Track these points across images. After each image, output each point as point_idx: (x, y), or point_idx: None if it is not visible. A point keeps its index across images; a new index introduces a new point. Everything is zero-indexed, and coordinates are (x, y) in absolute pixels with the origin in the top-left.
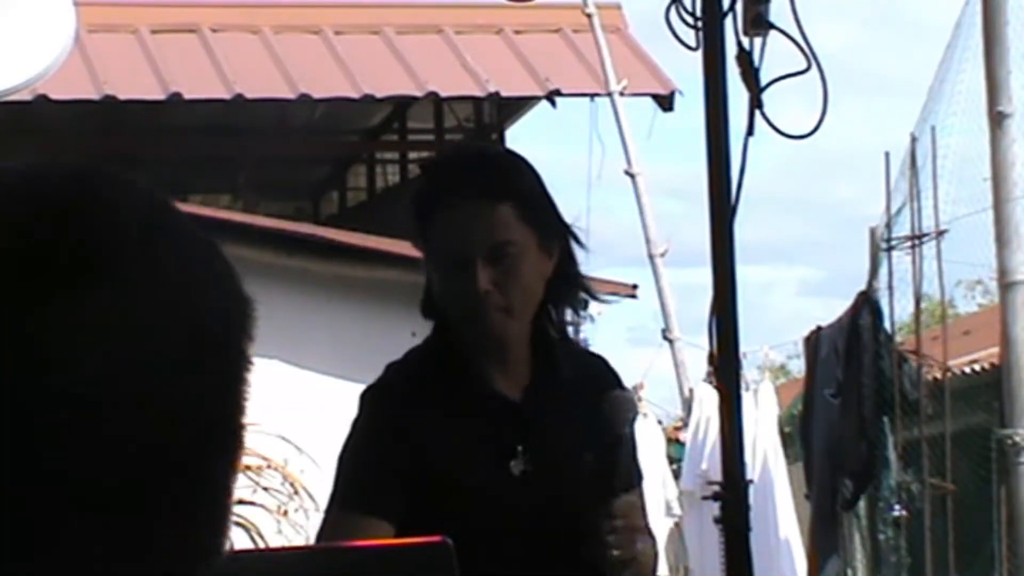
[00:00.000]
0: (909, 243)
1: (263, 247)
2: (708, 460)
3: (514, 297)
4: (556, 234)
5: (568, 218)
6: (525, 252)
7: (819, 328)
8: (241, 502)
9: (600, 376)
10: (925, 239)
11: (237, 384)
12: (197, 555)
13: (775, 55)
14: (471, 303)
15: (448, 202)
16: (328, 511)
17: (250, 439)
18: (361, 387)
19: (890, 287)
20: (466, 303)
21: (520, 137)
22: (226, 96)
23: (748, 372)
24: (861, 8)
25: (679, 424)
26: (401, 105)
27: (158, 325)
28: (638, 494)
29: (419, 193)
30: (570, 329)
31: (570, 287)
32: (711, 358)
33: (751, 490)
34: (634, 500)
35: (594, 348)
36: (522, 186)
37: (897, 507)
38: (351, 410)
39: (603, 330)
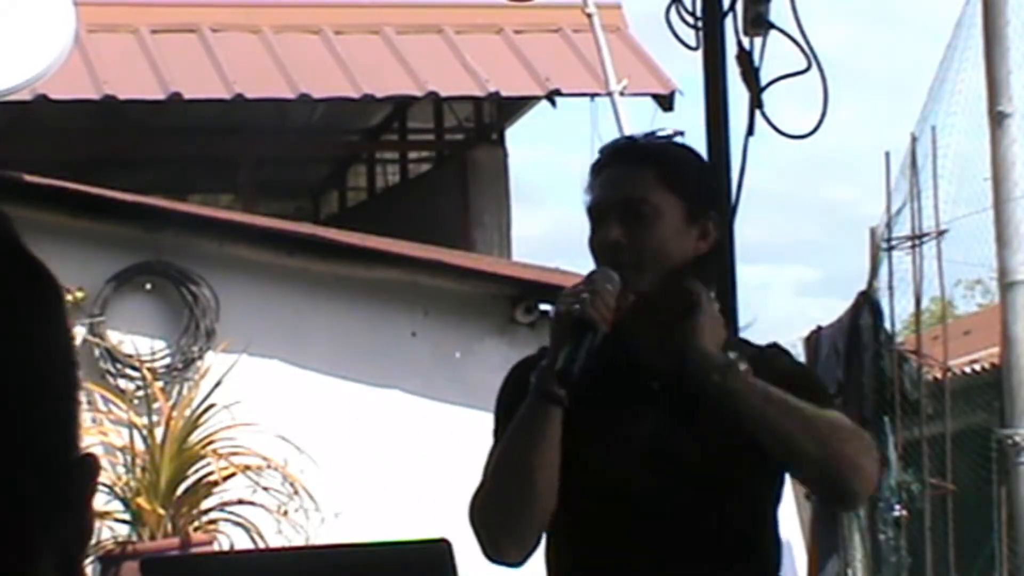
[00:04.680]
0: (909, 243)
1: (263, 247)
2: None
3: (644, 253)
4: (709, 214)
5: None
6: (662, 215)
7: (819, 328)
8: (241, 502)
9: (771, 361)
10: (925, 239)
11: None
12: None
13: (774, 55)
14: (603, 253)
15: (605, 167)
16: (491, 451)
17: (250, 439)
18: (361, 387)
19: (890, 287)
20: (600, 254)
21: (520, 137)
22: (226, 96)
23: None
24: (860, 7)
25: None
26: (401, 105)
27: None
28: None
29: (592, 165)
30: None
31: (718, 272)
32: None
33: None
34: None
35: None
36: (673, 157)
37: (897, 507)
38: (351, 409)
39: None
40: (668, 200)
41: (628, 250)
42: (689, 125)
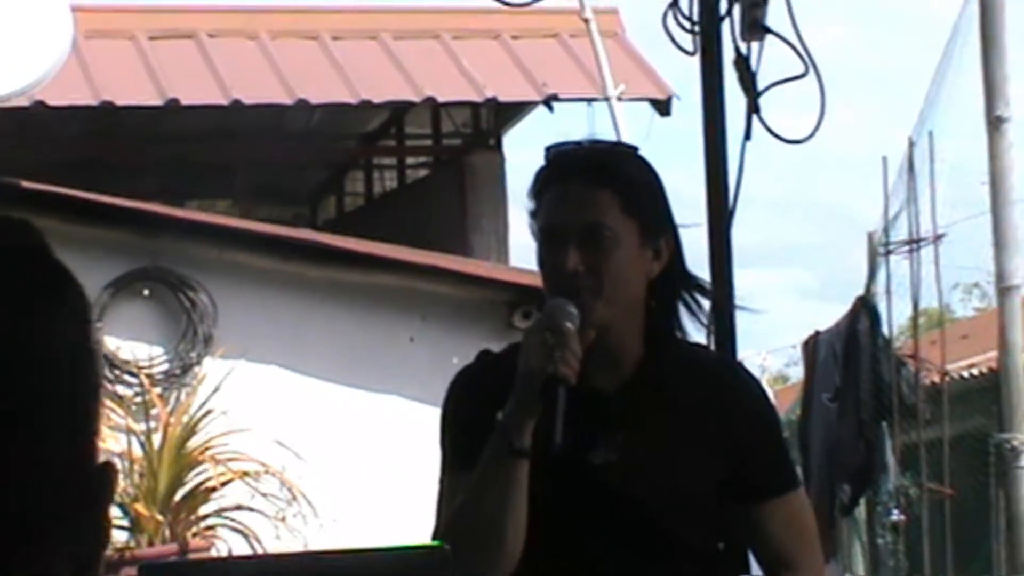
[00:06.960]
0: (907, 247)
1: (261, 253)
2: None
3: (603, 282)
4: (663, 234)
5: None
6: (621, 240)
7: (817, 333)
8: (239, 508)
9: (722, 380)
10: (923, 243)
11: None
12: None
13: (771, 59)
14: (561, 281)
15: (556, 181)
16: (442, 481)
17: (248, 444)
18: (359, 392)
19: (888, 291)
20: (557, 280)
21: (517, 142)
22: (223, 102)
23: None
24: (857, 10)
25: None
26: (398, 110)
27: None
28: (788, 499)
29: (536, 173)
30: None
31: (677, 289)
32: None
33: None
34: (781, 504)
35: None
36: (630, 178)
37: (895, 511)
38: (349, 415)
39: None
40: (626, 224)
41: (586, 278)
42: (686, 130)
